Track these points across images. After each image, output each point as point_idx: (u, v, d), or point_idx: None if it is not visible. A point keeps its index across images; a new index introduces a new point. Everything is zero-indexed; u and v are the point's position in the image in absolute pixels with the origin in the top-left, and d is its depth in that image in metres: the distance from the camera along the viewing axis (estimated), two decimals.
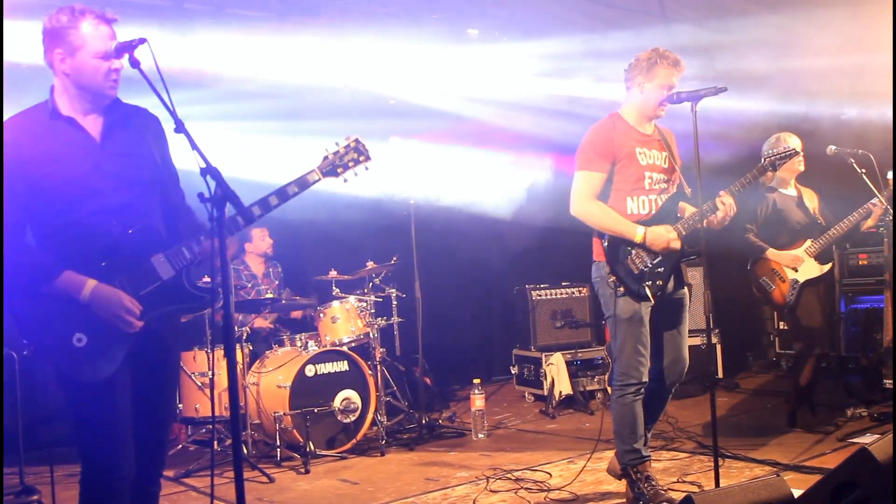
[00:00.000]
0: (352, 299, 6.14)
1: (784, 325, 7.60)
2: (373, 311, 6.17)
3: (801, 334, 5.39)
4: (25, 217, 2.76)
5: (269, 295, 6.41)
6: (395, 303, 6.46)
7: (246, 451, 5.52)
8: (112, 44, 2.76)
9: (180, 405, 5.76)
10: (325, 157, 3.12)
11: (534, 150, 8.04)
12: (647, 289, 3.96)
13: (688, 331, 4.20)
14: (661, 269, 3.99)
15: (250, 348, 5.86)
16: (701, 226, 3.94)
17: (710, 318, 3.98)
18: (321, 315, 6.09)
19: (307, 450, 5.32)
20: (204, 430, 5.88)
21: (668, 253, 3.97)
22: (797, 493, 2.91)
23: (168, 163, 3.01)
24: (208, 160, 2.57)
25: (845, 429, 5.27)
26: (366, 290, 6.25)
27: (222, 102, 6.35)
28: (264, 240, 6.72)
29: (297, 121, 6.53)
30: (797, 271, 5.31)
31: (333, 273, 6.28)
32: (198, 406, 5.76)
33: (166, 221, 2.98)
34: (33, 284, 2.71)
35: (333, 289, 6.22)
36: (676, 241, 3.96)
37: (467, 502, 4.36)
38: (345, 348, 5.90)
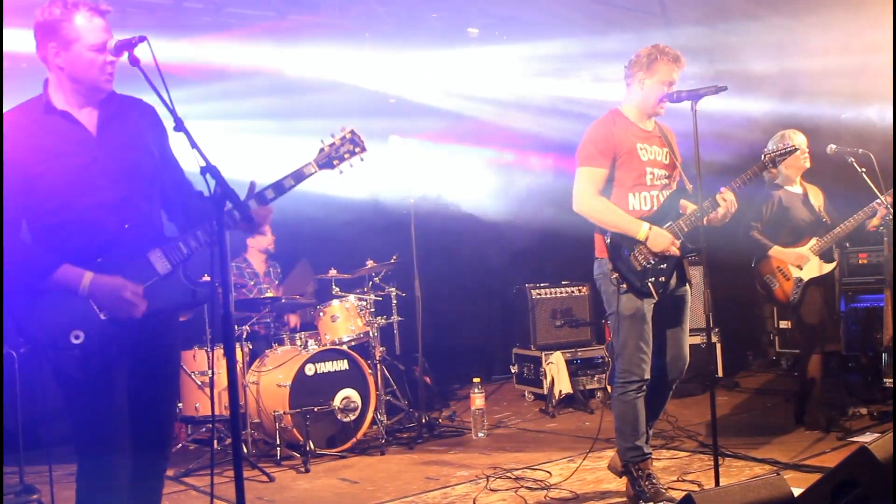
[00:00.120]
0: (352, 298, 6.13)
1: (784, 324, 7.59)
2: (373, 309, 6.16)
3: (805, 332, 5.39)
4: (21, 213, 2.73)
5: (270, 294, 6.40)
6: (394, 301, 6.46)
7: (246, 451, 5.51)
8: (106, 36, 2.72)
9: (180, 404, 5.74)
10: (321, 149, 3.11)
11: (534, 150, 8.04)
12: (650, 285, 3.95)
13: (688, 328, 4.20)
14: (663, 266, 3.98)
15: (250, 347, 5.86)
16: (702, 223, 3.94)
17: (710, 317, 3.97)
18: (321, 314, 6.08)
19: (307, 449, 5.31)
20: (204, 430, 5.87)
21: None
22: (797, 491, 2.90)
23: (167, 153, 2.97)
24: (208, 158, 2.56)
25: (845, 427, 5.26)
26: (365, 289, 6.25)
27: (222, 101, 6.34)
28: (266, 235, 6.69)
29: (297, 119, 6.50)
30: (802, 269, 5.30)
31: (333, 272, 6.27)
32: (198, 405, 5.75)
33: (172, 210, 2.95)
34: (30, 281, 2.68)
35: (333, 287, 6.22)
36: (676, 249, 3.95)
37: (467, 501, 4.36)
38: (345, 347, 5.89)
